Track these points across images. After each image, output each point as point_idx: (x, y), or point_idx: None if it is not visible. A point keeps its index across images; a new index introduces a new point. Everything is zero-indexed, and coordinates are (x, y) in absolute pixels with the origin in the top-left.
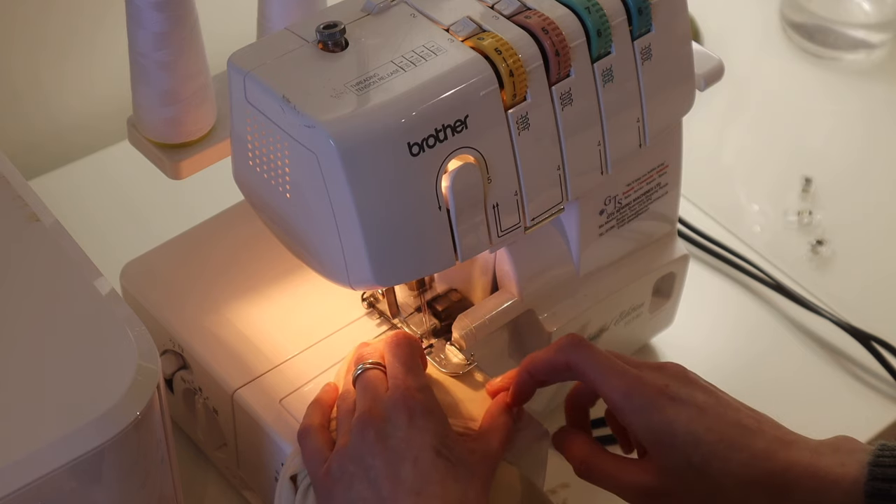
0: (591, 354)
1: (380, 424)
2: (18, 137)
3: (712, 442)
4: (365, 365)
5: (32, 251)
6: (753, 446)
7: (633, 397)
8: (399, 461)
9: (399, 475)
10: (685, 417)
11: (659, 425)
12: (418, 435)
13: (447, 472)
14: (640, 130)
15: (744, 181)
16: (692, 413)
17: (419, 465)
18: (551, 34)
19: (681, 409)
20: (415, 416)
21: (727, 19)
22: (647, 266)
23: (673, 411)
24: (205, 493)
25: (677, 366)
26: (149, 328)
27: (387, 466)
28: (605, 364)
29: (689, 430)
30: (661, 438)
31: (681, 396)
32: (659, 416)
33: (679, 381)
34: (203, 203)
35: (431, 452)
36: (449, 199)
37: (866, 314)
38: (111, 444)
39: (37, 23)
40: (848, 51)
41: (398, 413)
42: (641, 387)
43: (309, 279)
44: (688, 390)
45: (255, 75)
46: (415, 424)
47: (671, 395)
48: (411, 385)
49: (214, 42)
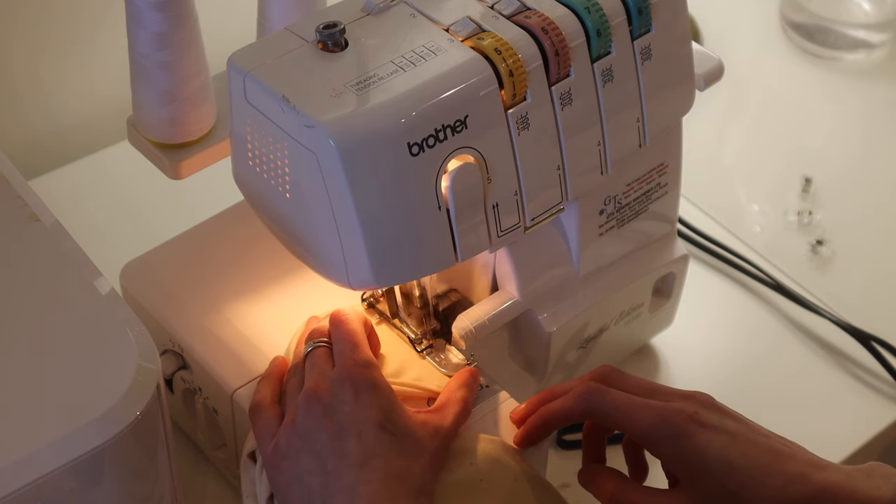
0: (609, 399)
1: (326, 400)
2: (18, 137)
3: (746, 468)
4: (316, 343)
5: (32, 251)
6: (788, 470)
7: (662, 427)
8: (344, 435)
9: (343, 449)
10: (717, 444)
11: (691, 452)
12: (363, 410)
13: (391, 446)
14: (640, 130)
15: (744, 181)
16: (724, 440)
17: (363, 438)
18: (551, 34)
19: (712, 435)
20: (360, 392)
21: (727, 19)
22: (647, 266)
23: (704, 438)
24: (205, 493)
25: (705, 394)
26: (149, 328)
27: (332, 441)
28: (625, 403)
29: (723, 457)
30: (693, 466)
31: (711, 423)
32: (690, 444)
33: (708, 409)
34: (203, 203)
35: (375, 427)
36: (449, 199)
37: (866, 314)
38: (111, 444)
39: (37, 23)
40: (848, 51)
41: (343, 389)
42: (670, 416)
43: (309, 279)
44: (717, 416)
45: (255, 75)
46: (360, 400)
47: (701, 422)
48: (357, 361)
49: (214, 42)
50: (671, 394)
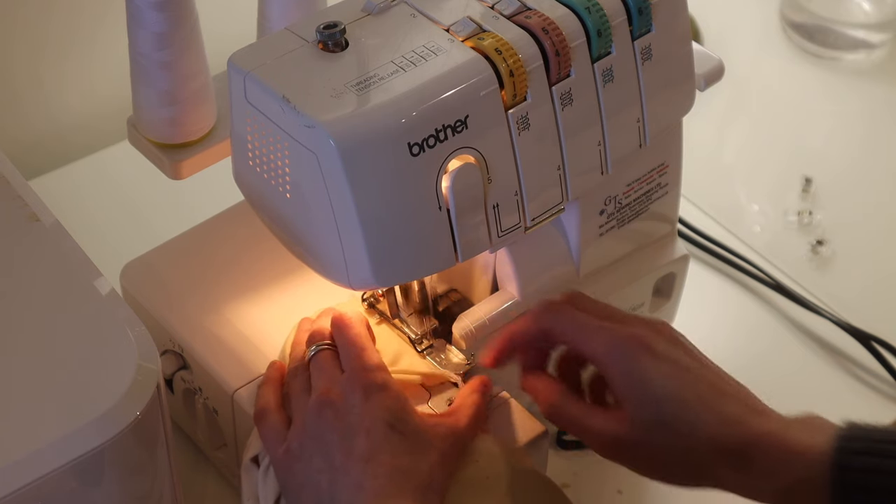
0: (566, 318)
1: (337, 404)
2: (18, 137)
3: (686, 401)
4: (319, 346)
5: (32, 251)
6: (725, 410)
7: (613, 350)
8: (353, 434)
9: (352, 446)
10: (662, 373)
11: (636, 377)
12: (372, 410)
13: (399, 444)
14: (640, 130)
15: (744, 181)
16: (670, 369)
17: (371, 436)
18: (551, 34)
19: (660, 363)
20: (370, 394)
21: (727, 19)
22: (647, 266)
23: (652, 364)
24: (205, 493)
25: (665, 324)
26: (149, 328)
27: (341, 440)
28: (581, 323)
29: (665, 386)
30: (635, 390)
31: (662, 351)
32: (637, 368)
33: (664, 338)
34: (203, 203)
35: (384, 425)
36: (449, 199)
37: (866, 314)
38: (111, 444)
39: (37, 23)
40: (848, 51)
41: (354, 392)
42: (622, 339)
43: (309, 279)
44: (670, 346)
45: (255, 75)
46: (370, 400)
47: (652, 348)
48: (366, 365)
49: (214, 42)
50: (632, 319)
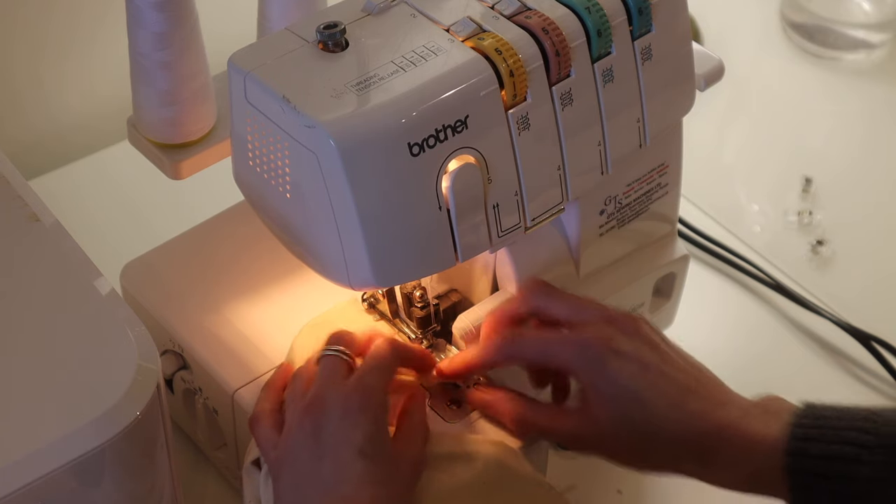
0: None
1: (317, 416)
2: (18, 137)
3: (650, 400)
4: (335, 350)
5: (32, 251)
6: (689, 406)
7: (579, 358)
8: (321, 457)
9: (318, 472)
10: (628, 373)
11: (603, 379)
12: (345, 431)
13: (365, 473)
14: (640, 130)
15: (744, 181)
16: (635, 369)
17: (338, 462)
18: (551, 34)
19: (624, 363)
20: (349, 412)
21: (727, 19)
22: (647, 266)
23: (617, 365)
24: (205, 493)
25: (628, 317)
26: (149, 328)
27: (311, 461)
28: (542, 342)
29: (631, 387)
30: (603, 392)
31: (626, 351)
32: (603, 371)
33: (626, 335)
34: (203, 203)
35: (353, 451)
36: (449, 199)
37: (866, 314)
38: (111, 444)
39: (37, 23)
40: (848, 51)
41: (334, 406)
42: (586, 345)
43: (309, 279)
44: (633, 345)
45: (256, 75)
46: (346, 419)
47: (616, 349)
48: (364, 381)
49: (214, 42)
50: (595, 315)
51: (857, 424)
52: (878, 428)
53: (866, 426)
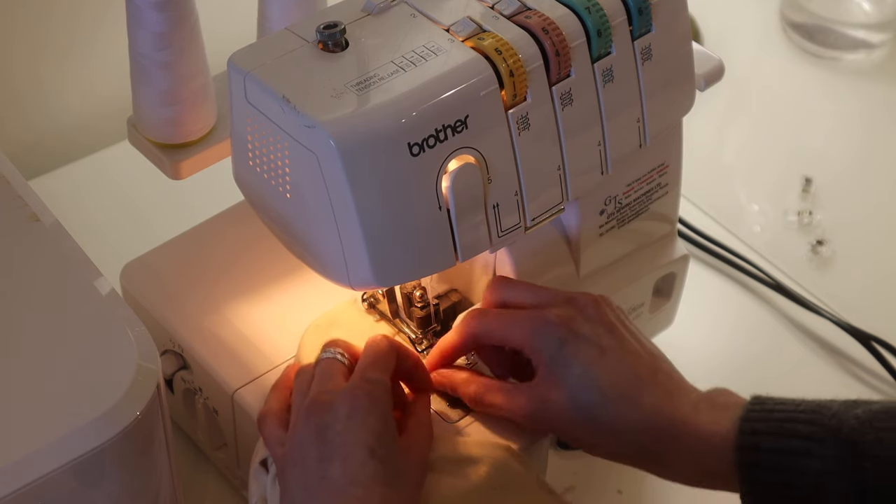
0: (487, 320)
1: (322, 414)
2: (18, 137)
3: (604, 388)
4: (333, 353)
5: (32, 251)
6: (641, 401)
7: (537, 337)
8: (330, 457)
9: (327, 472)
10: (584, 357)
11: (558, 360)
12: (354, 431)
13: (375, 474)
14: (640, 130)
15: (744, 181)
16: (592, 354)
17: (347, 463)
18: (551, 34)
19: (581, 345)
20: (356, 410)
21: (727, 19)
22: (647, 266)
23: (574, 347)
24: (205, 493)
25: (588, 297)
26: (149, 328)
27: (318, 461)
28: (503, 320)
29: (585, 372)
30: (556, 371)
31: (584, 333)
32: (561, 351)
33: (586, 317)
34: (203, 203)
35: (364, 451)
36: (449, 199)
37: (866, 314)
38: (111, 444)
39: (37, 23)
40: (848, 51)
41: (341, 405)
42: (544, 325)
43: (309, 279)
44: (592, 327)
45: (256, 75)
46: (353, 418)
47: (575, 330)
48: (366, 376)
49: (214, 42)
50: (556, 297)
51: (805, 417)
52: (825, 420)
53: (815, 418)
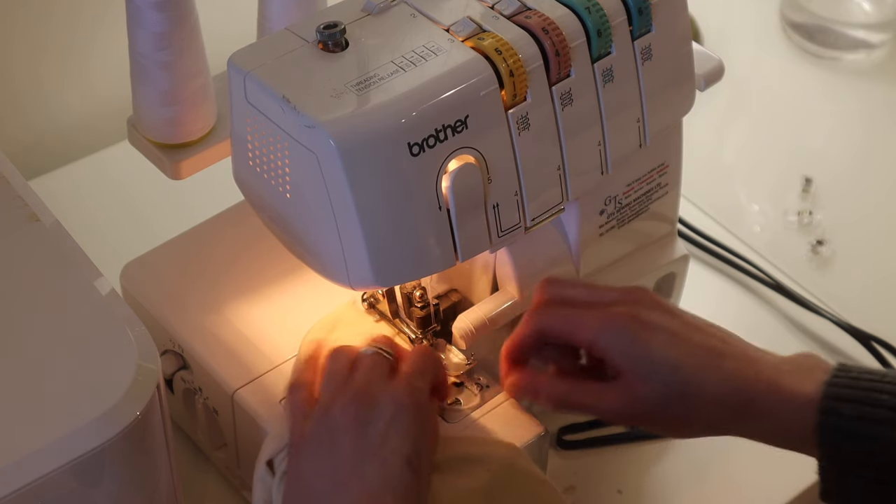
0: (554, 316)
1: (364, 406)
2: (18, 137)
3: (688, 365)
4: (381, 349)
5: (32, 251)
6: (724, 367)
7: (607, 331)
8: (368, 457)
9: (362, 472)
10: (659, 342)
11: (636, 350)
12: (395, 437)
13: (410, 484)
14: (640, 130)
15: (744, 181)
16: (665, 338)
17: (385, 468)
18: (551, 34)
19: (654, 334)
20: (400, 414)
21: (727, 19)
22: (647, 266)
23: (647, 336)
24: (205, 493)
25: (641, 290)
26: (149, 328)
27: (354, 455)
28: (570, 316)
29: (665, 355)
30: (639, 363)
31: (652, 321)
32: (635, 343)
33: (646, 307)
34: (203, 203)
35: (402, 460)
36: (449, 199)
37: (866, 314)
38: (111, 444)
39: (37, 23)
40: (848, 51)
41: (387, 403)
42: (612, 319)
43: (309, 279)
44: (657, 315)
45: (256, 75)
46: (397, 422)
47: (642, 320)
48: (414, 383)
49: (214, 42)
50: (611, 292)
51: (890, 388)
52: None
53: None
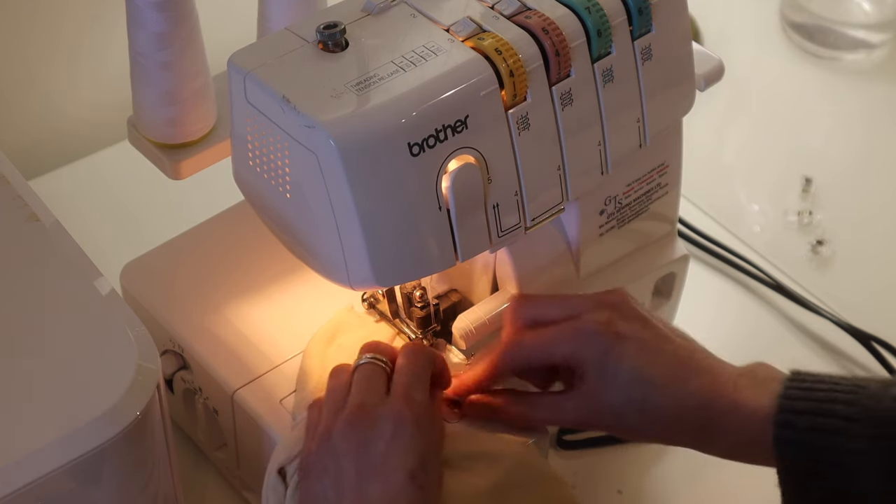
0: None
1: (364, 429)
2: (18, 137)
3: (653, 377)
4: (373, 358)
5: (32, 251)
6: (687, 381)
7: (582, 349)
8: (370, 477)
9: (365, 491)
10: (630, 353)
11: (606, 363)
12: (397, 454)
13: (413, 499)
14: (640, 130)
15: (744, 181)
16: (635, 348)
17: (388, 487)
18: (551, 34)
19: (626, 345)
20: (400, 431)
21: (727, 19)
22: (647, 266)
23: (620, 348)
24: (205, 493)
25: (615, 294)
26: (149, 328)
27: (357, 478)
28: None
29: (634, 366)
30: (606, 373)
31: (624, 332)
32: (608, 356)
33: (621, 315)
34: (203, 203)
35: (404, 476)
36: (449, 199)
37: (866, 314)
38: (111, 444)
39: (37, 23)
40: (848, 51)
41: (385, 422)
42: (586, 333)
43: (309, 279)
44: (631, 325)
45: (256, 75)
46: (397, 439)
47: (616, 331)
48: (410, 396)
49: (214, 42)
50: (584, 303)
51: (842, 397)
52: (861, 400)
53: (853, 399)
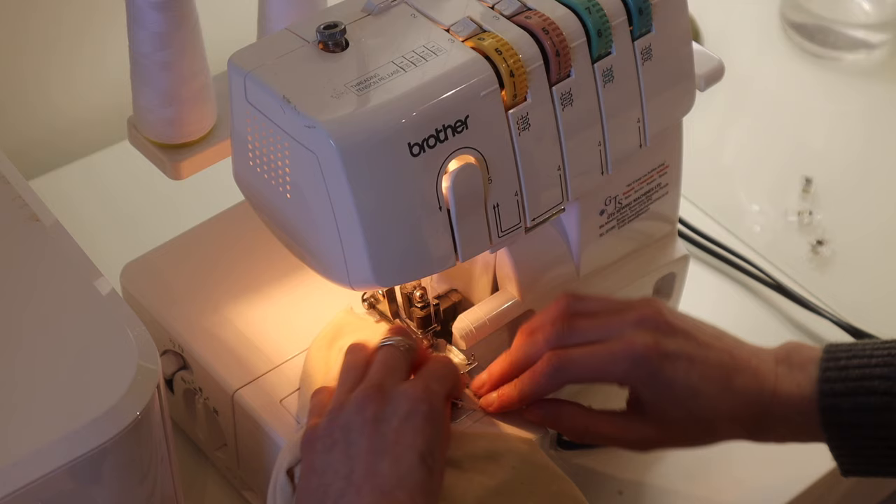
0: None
1: (380, 405)
2: (19, 137)
3: (705, 388)
4: (401, 341)
5: (32, 251)
6: (735, 385)
7: (634, 371)
8: (382, 453)
9: (376, 467)
10: (681, 372)
11: (661, 383)
12: (410, 433)
13: (422, 481)
14: (640, 130)
15: (744, 181)
16: (685, 366)
17: (399, 465)
18: (552, 34)
19: (675, 364)
20: (415, 412)
21: (727, 19)
22: (647, 266)
23: (671, 368)
24: (205, 493)
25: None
26: (149, 328)
27: (368, 453)
28: (593, 361)
29: (687, 384)
30: (663, 394)
31: (672, 351)
32: (661, 377)
33: (664, 333)
34: (203, 203)
35: (416, 456)
36: (449, 199)
37: (866, 314)
38: (111, 444)
39: (37, 23)
40: (848, 51)
41: (402, 402)
42: (636, 358)
43: (309, 279)
44: (676, 342)
45: (256, 75)
46: (411, 420)
47: (664, 352)
48: (432, 387)
49: (214, 42)
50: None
51: (879, 372)
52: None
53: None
